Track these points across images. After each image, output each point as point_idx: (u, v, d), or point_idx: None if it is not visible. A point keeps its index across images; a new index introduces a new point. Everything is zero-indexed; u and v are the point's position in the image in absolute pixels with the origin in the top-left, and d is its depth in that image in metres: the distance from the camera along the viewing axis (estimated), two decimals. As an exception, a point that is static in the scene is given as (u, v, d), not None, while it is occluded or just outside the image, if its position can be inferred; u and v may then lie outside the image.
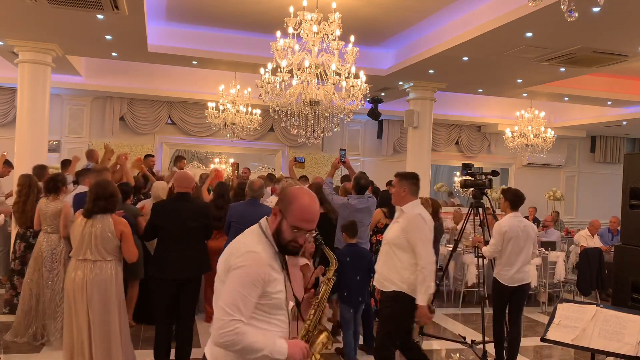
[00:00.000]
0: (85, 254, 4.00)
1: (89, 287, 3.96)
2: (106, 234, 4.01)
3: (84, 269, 3.99)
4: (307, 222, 2.09)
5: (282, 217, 2.09)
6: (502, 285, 4.96)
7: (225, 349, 1.99)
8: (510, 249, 4.94)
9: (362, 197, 5.43)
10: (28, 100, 7.35)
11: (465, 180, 5.71)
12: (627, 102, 9.81)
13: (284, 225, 2.09)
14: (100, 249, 4.01)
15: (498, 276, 4.99)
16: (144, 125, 11.00)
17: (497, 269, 5.04)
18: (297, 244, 2.11)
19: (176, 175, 4.80)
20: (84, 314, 3.97)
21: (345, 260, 5.27)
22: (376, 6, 6.48)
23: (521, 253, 4.97)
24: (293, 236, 2.08)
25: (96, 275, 3.99)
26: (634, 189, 4.67)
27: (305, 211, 2.08)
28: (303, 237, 2.10)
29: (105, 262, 4.04)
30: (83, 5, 5.65)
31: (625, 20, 5.37)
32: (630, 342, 3.02)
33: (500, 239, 4.95)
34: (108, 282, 4.03)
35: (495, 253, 5.01)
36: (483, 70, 7.84)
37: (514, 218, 5.03)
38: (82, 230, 4.00)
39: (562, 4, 2.49)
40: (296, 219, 2.07)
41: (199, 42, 7.80)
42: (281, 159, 12.01)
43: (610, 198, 13.63)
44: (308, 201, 2.10)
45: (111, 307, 4.04)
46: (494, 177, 5.65)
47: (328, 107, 5.51)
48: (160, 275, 4.40)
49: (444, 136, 12.79)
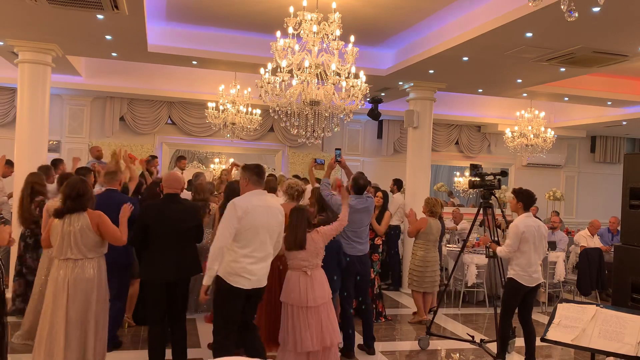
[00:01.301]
0: (67, 254, 3.99)
1: (70, 287, 3.95)
2: (84, 231, 4.00)
3: (66, 268, 3.98)
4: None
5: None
6: (520, 285, 4.99)
7: None
8: (528, 249, 4.99)
9: (361, 197, 5.43)
10: (28, 100, 7.35)
11: (474, 181, 5.70)
12: (627, 102, 9.81)
13: None
14: (80, 247, 3.99)
15: (517, 277, 5.01)
16: (144, 125, 11.01)
17: (514, 269, 5.04)
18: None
19: (165, 176, 4.73)
20: (63, 312, 3.94)
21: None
22: (376, 6, 6.48)
23: (537, 253, 5.05)
24: None
25: (78, 275, 3.97)
26: (634, 189, 4.67)
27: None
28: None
29: (87, 261, 4.03)
30: (83, 5, 5.65)
31: (625, 20, 5.37)
32: (630, 342, 3.03)
33: (516, 239, 4.98)
34: (90, 281, 4.02)
35: (511, 254, 5.04)
36: (483, 70, 7.84)
37: (529, 218, 5.08)
38: (61, 230, 3.98)
39: (562, 4, 2.49)
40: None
41: (199, 42, 7.80)
42: (281, 159, 12.01)
43: (610, 198, 13.64)
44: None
45: (91, 307, 4.01)
46: (503, 177, 5.63)
47: (328, 107, 5.50)
48: (150, 278, 4.37)
49: (444, 136, 12.79)
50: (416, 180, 8.82)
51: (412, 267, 6.82)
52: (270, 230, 4.03)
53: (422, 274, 6.68)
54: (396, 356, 5.67)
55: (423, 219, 6.76)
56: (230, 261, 3.94)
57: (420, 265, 6.70)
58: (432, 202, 6.90)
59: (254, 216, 3.92)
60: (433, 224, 6.75)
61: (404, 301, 8.07)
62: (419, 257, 6.73)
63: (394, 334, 6.46)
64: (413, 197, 8.58)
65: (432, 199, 7.02)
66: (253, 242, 3.95)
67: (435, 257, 6.77)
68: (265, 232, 3.99)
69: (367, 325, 5.54)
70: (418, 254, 6.74)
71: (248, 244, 3.94)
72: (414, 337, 6.33)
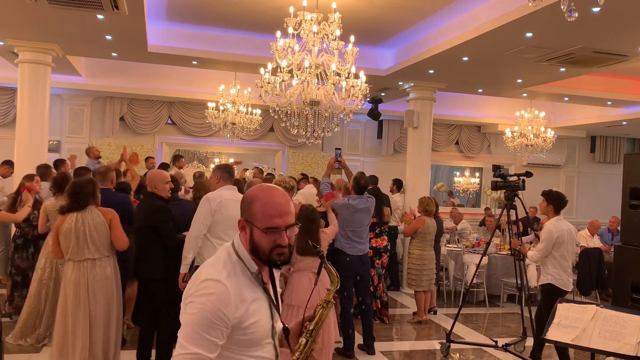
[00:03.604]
0: (84, 254, 3.98)
1: (91, 287, 3.95)
2: (100, 228, 4.01)
3: (85, 269, 3.97)
4: (279, 217, 1.71)
5: (250, 227, 1.72)
6: (559, 290, 4.98)
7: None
8: (562, 253, 4.99)
9: (361, 198, 5.44)
10: (28, 100, 7.35)
11: (496, 182, 5.59)
12: (627, 102, 9.80)
13: (256, 234, 1.71)
14: (97, 245, 4.00)
15: (554, 281, 5.00)
16: (144, 125, 11.01)
17: (550, 274, 5.03)
18: (282, 248, 1.71)
19: (148, 174, 4.82)
20: (86, 314, 3.94)
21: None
22: (376, 6, 6.48)
23: (570, 256, 5.06)
24: (272, 241, 1.70)
25: (97, 275, 3.98)
26: (634, 189, 4.67)
27: (270, 206, 1.71)
28: (284, 236, 1.71)
29: (105, 260, 4.05)
30: (83, 5, 5.65)
31: (625, 20, 5.37)
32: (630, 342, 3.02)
33: (550, 244, 4.98)
34: (110, 280, 4.04)
35: (543, 258, 5.03)
36: (483, 70, 7.84)
37: (561, 222, 5.08)
38: (75, 231, 3.95)
39: (562, 4, 2.49)
40: (265, 219, 1.70)
41: (199, 42, 7.80)
42: (281, 159, 12.02)
43: (610, 198, 13.62)
44: (269, 194, 1.74)
45: (112, 306, 4.05)
46: (528, 178, 5.47)
47: (328, 107, 5.51)
48: (131, 274, 4.56)
49: (444, 136, 12.79)
50: (416, 180, 8.83)
51: (410, 266, 6.84)
52: (232, 219, 4.25)
53: (420, 272, 6.70)
54: (396, 356, 5.67)
55: (420, 219, 6.77)
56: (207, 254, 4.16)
57: (418, 264, 6.72)
58: (426, 201, 6.92)
59: (227, 208, 4.22)
60: (429, 223, 6.76)
61: (404, 301, 8.07)
62: (415, 256, 6.74)
63: (394, 334, 6.46)
64: (413, 197, 8.58)
65: (426, 198, 7.04)
66: (228, 235, 4.19)
67: (431, 256, 6.80)
68: (230, 221, 4.21)
69: (367, 325, 5.54)
70: (415, 253, 6.76)
71: (223, 236, 4.21)
72: (414, 337, 6.33)
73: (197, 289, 1.63)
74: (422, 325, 6.73)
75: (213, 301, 1.60)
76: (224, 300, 1.61)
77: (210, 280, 1.63)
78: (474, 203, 13.76)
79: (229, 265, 1.71)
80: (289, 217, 1.73)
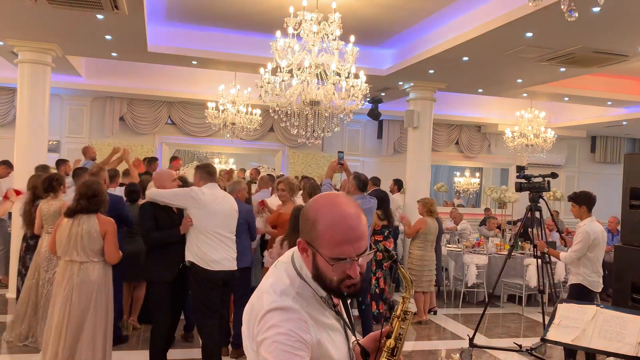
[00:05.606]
0: (72, 255, 3.98)
1: (75, 290, 3.95)
2: (92, 234, 3.99)
3: (71, 271, 3.98)
4: (350, 244, 1.38)
5: (313, 252, 1.41)
6: (589, 291, 4.96)
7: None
8: (596, 254, 4.98)
9: (364, 198, 5.44)
10: (28, 100, 7.35)
11: (521, 184, 5.52)
12: (627, 102, 9.80)
13: (321, 262, 1.40)
14: (86, 250, 3.99)
15: (585, 282, 4.98)
16: (144, 125, 11.00)
17: (581, 275, 5.00)
18: (353, 281, 1.41)
19: (154, 174, 4.84)
20: (61, 313, 3.94)
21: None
22: (376, 6, 6.47)
23: (602, 257, 5.04)
24: (341, 272, 1.39)
25: (83, 278, 3.97)
26: (634, 189, 4.66)
27: (339, 229, 1.37)
28: (355, 266, 1.39)
29: (92, 264, 4.02)
30: (83, 5, 5.65)
31: (625, 20, 5.37)
32: (631, 342, 3.02)
33: (586, 245, 4.96)
34: (93, 284, 4.00)
35: (576, 259, 5.00)
36: (483, 70, 7.84)
37: (595, 223, 5.06)
38: (68, 231, 3.98)
39: (562, 4, 2.49)
40: (332, 247, 1.38)
41: (199, 42, 7.80)
42: (281, 159, 12.01)
43: (610, 198, 13.60)
44: (336, 212, 1.39)
45: (90, 311, 3.99)
46: (553, 179, 5.43)
47: (328, 107, 5.51)
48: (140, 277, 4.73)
49: (444, 136, 12.79)
50: (416, 181, 8.82)
51: (410, 266, 6.83)
52: (225, 214, 4.38)
53: (420, 272, 6.70)
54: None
55: (422, 219, 6.77)
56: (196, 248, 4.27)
57: (418, 264, 6.71)
58: (430, 201, 6.92)
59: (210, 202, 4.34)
60: (431, 224, 6.76)
61: (404, 301, 8.06)
62: (416, 256, 6.74)
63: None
64: (413, 197, 8.57)
65: (429, 199, 7.04)
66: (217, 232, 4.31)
67: (432, 257, 6.79)
68: (222, 217, 4.34)
69: (367, 326, 5.54)
70: (415, 254, 6.76)
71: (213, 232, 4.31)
72: (414, 337, 6.33)
73: (264, 322, 1.37)
74: (422, 325, 6.73)
75: (289, 329, 1.34)
76: (301, 327, 1.36)
77: (277, 310, 1.37)
78: (474, 203, 13.76)
79: (292, 289, 1.42)
80: (362, 242, 1.39)
